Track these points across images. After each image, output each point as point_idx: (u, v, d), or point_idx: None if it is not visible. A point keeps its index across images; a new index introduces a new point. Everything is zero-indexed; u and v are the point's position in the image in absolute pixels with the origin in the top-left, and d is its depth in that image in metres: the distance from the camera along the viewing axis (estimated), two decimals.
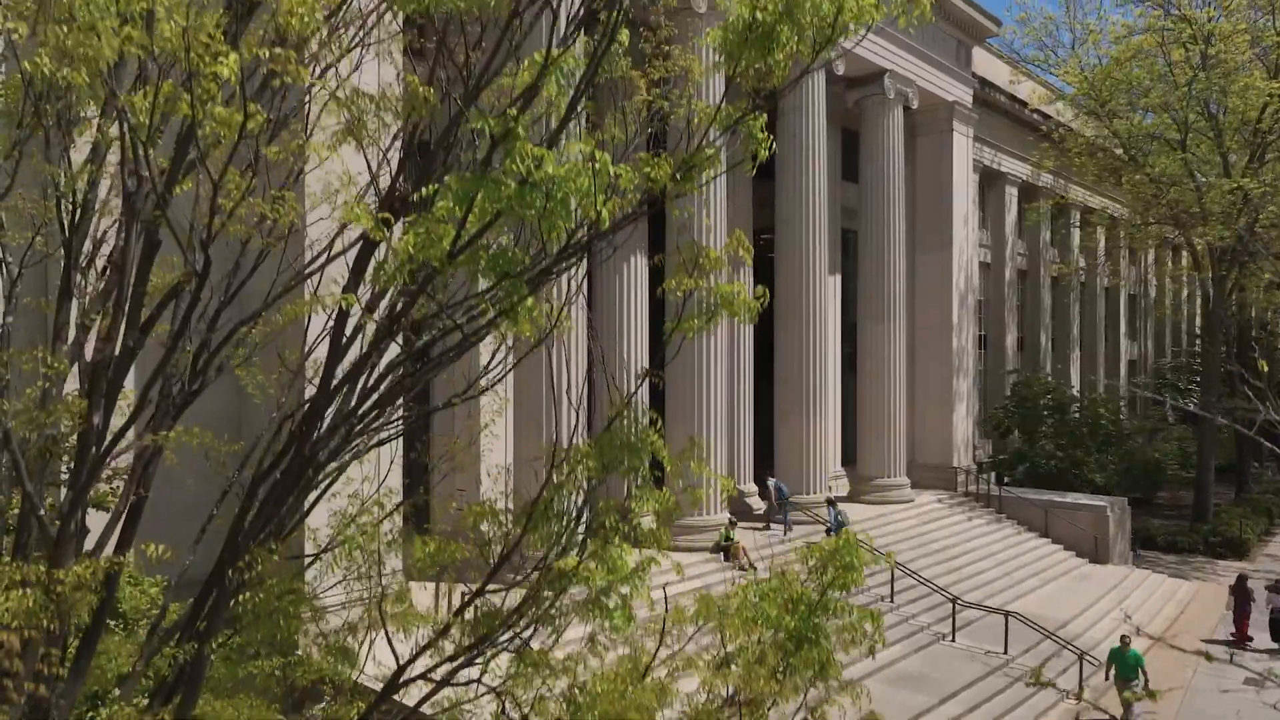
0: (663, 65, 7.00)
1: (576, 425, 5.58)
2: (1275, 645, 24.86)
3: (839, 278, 33.46)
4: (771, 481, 27.32)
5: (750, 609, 5.35)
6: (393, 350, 5.87)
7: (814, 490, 27.38)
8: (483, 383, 5.96)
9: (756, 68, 4.48)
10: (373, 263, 6.22)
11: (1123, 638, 19.97)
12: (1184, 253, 42.72)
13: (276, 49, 4.03)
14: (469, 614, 5.75)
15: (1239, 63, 31.17)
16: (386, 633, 5.84)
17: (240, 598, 5.74)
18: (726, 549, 23.45)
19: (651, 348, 23.65)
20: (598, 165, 4.18)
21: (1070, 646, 21.34)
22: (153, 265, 5.60)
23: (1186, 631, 25.68)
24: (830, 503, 26.30)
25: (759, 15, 4.19)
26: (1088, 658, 20.58)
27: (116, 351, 5.38)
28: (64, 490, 7.68)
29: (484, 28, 5.81)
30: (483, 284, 5.01)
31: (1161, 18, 32.60)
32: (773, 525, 26.52)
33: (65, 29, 3.36)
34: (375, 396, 5.53)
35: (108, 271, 7.74)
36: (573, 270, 5.55)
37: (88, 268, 7.56)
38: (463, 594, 5.82)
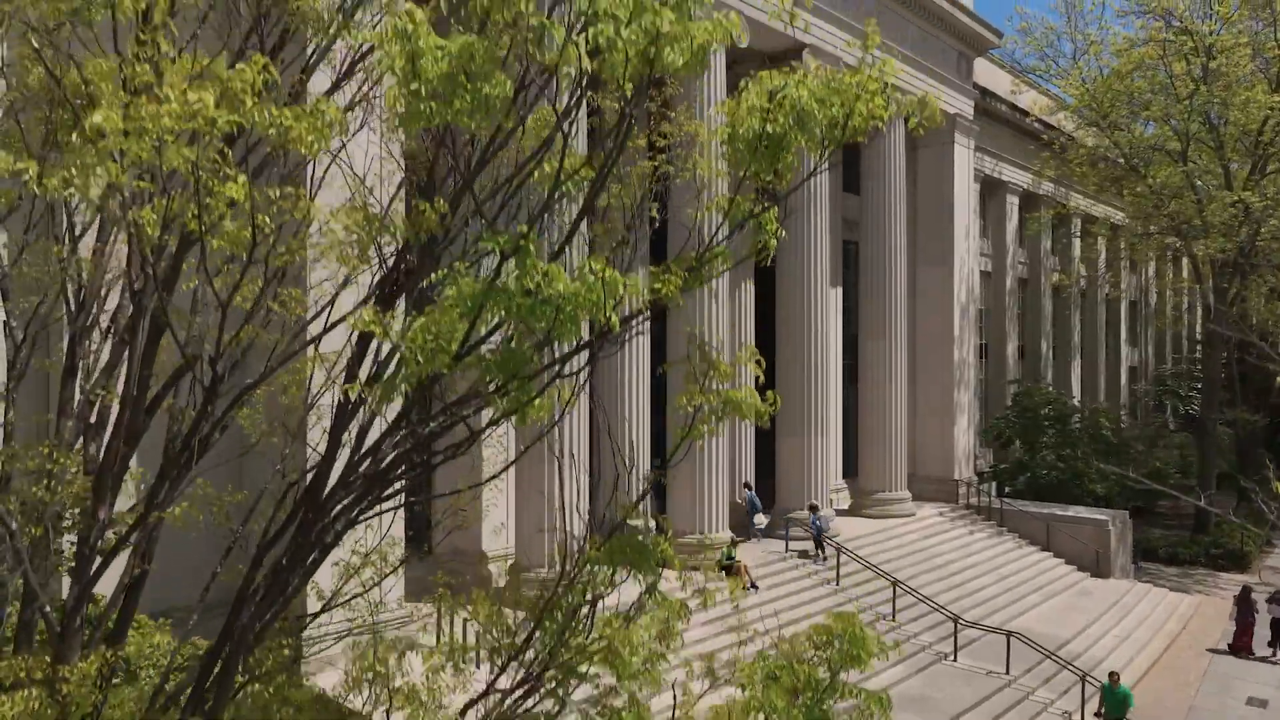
0: (668, 130, 6.98)
1: (590, 527, 5.51)
2: (1270, 651, 25.06)
3: (840, 290, 33.42)
4: (746, 494, 27.39)
5: (757, 700, 5.34)
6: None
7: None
8: (485, 472, 5.93)
9: (764, 178, 4.46)
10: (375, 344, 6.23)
11: (1111, 674, 20.05)
12: (1184, 262, 42.71)
13: (288, 188, 4.02)
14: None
15: (1239, 75, 31.13)
16: None
17: (249, 689, 5.73)
18: (729, 567, 23.41)
19: (654, 405, 23.33)
20: (607, 279, 4.16)
21: (1071, 667, 21.33)
22: (158, 349, 5.59)
23: (1189, 649, 25.68)
24: (813, 509, 26.36)
25: (770, 128, 4.17)
26: (1089, 679, 20.57)
27: (123, 441, 5.36)
28: (66, 534, 7.68)
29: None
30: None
31: (1163, 29, 32.55)
32: (767, 538, 26.57)
33: (75, 168, 3.35)
34: (381, 484, 5.51)
35: (112, 332, 7.73)
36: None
37: (92, 327, 7.55)
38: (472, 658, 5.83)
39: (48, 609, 5.15)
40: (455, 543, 18.97)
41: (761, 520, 27.50)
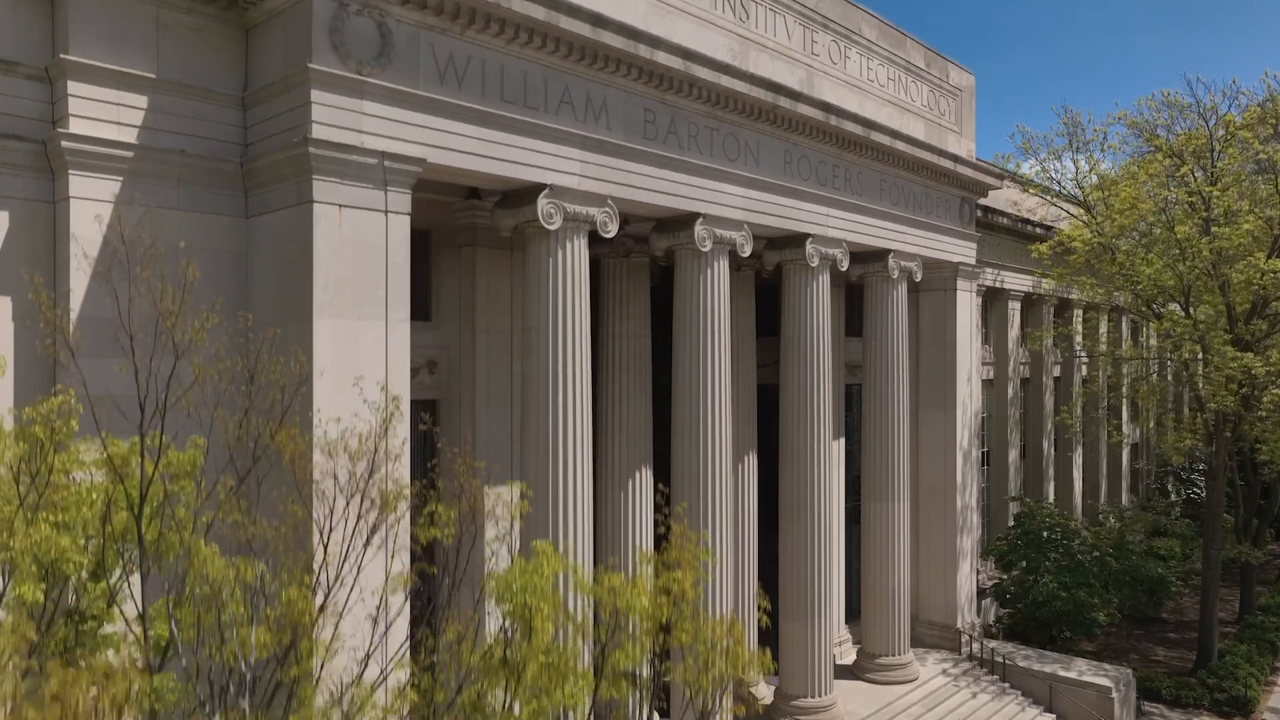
0: None
1: None
2: None
3: (843, 441, 33.34)
4: None
5: None
6: None
7: (816, 692, 27.26)
8: None
9: None
10: None
11: None
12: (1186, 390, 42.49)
13: None
14: None
15: (1240, 242, 30.90)
16: None
17: None
18: None
19: None
20: None
21: None
22: None
23: None
24: None
25: None
26: None
27: None
28: None
29: None
30: None
31: (1165, 183, 32.30)
32: None
33: None
34: None
35: None
36: None
37: None
38: None
39: None
40: None
41: (766, 695, 27.50)
